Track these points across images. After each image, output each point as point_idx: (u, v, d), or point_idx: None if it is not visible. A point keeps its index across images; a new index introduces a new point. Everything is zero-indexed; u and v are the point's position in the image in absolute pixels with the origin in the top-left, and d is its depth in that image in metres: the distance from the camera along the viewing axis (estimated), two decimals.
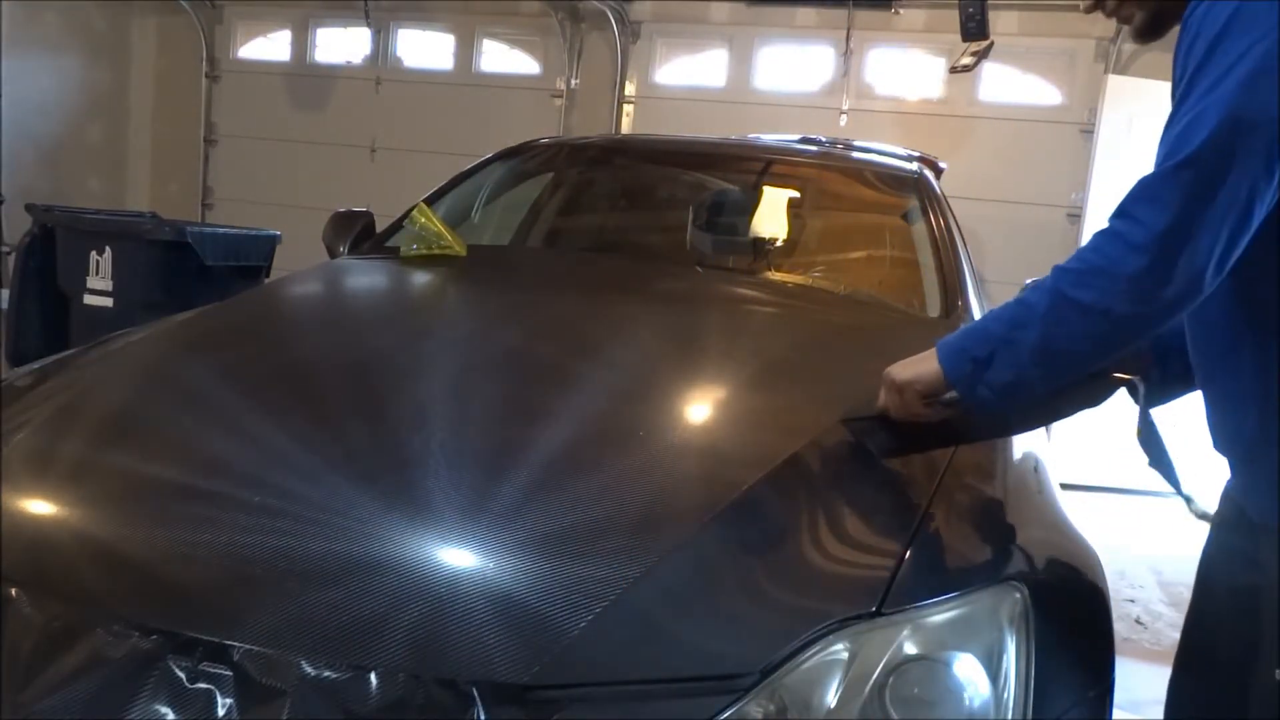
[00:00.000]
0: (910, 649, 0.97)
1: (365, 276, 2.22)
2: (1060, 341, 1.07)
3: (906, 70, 5.89)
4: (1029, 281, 2.13)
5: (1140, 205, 1.02)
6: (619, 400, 1.43)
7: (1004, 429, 1.33)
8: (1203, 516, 1.26)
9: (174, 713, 0.92)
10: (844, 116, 5.87)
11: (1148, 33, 1.21)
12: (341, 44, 7.09)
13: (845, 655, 0.96)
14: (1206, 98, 1.00)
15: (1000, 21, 5.24)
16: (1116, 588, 3.49)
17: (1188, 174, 0.99)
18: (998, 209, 5.52)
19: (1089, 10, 1.24)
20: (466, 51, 6.80)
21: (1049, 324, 1.07)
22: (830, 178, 2.78)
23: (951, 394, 1.18)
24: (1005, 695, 0.98)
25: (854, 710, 0.93)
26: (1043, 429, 1.56)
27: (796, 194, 2.54)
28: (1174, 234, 0.99)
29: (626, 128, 6.37)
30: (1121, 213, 1.05)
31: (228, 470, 1.20)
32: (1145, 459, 1.26)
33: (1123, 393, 1.28)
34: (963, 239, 2.39)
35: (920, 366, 1.19)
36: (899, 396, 1.22)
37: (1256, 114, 0.98)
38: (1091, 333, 1.05)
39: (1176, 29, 1.12)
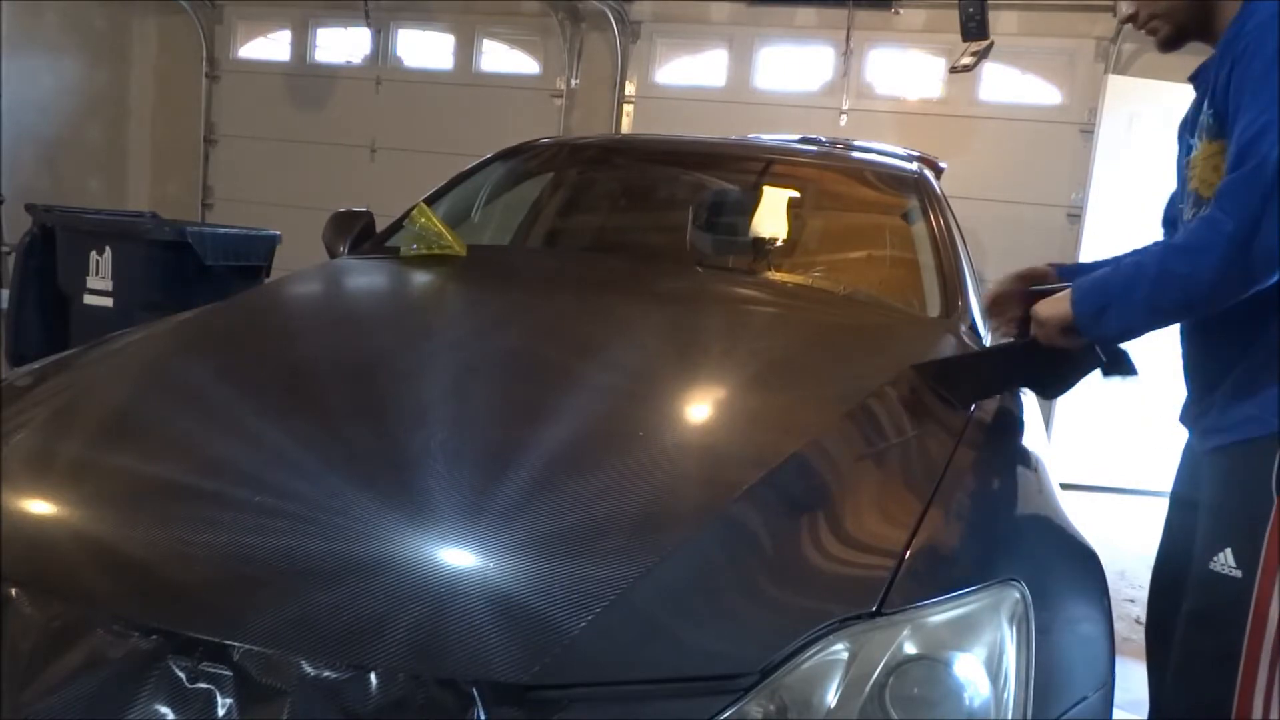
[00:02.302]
0: (910, 649, 0.97)
1: (365, 276, 2.22)
2: (1163, 301, 1.32)
3: (906, 70, 5.89)
4: None
5: (1228, 200, 1.24)
6: (619, 400, 1.43)
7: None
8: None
9: (174, 713, 0.92)
10: (844, 116, 5.88)
11: (1171, 44, 1.47)
12: (341, 44, 7.09)
13: (845, 655, 0.95)
14: (1268, 113, 1.22)
15: (1000, 21, 5.25)
16: (1116, 588, 3.49)
17: (1259, 177, 1.21)
18: (998, 209, 5.52)
19: (1124, 23, 1.51)
20: (466, 51, 6.80)
21: (1156, 288, 1.31)
22: (830, 178, 2.77)
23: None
24: (1005, 695, 0.98)
25: (854, 710, 0.93)
26: (1042, 430, 1.61)
27: (796, 194, 2.54)
28: (1254, 228, 1.21)
29: (626, 128, 6.37)
30: (1217, 204, 1.26)
31: (228, 470, 1.20)
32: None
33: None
34: (963, 239, 2.39)
35: (1059, 306, 1.43)
36: (1042, 329, 1.46)
37: None
38: (1189, 295, 1.30)
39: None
